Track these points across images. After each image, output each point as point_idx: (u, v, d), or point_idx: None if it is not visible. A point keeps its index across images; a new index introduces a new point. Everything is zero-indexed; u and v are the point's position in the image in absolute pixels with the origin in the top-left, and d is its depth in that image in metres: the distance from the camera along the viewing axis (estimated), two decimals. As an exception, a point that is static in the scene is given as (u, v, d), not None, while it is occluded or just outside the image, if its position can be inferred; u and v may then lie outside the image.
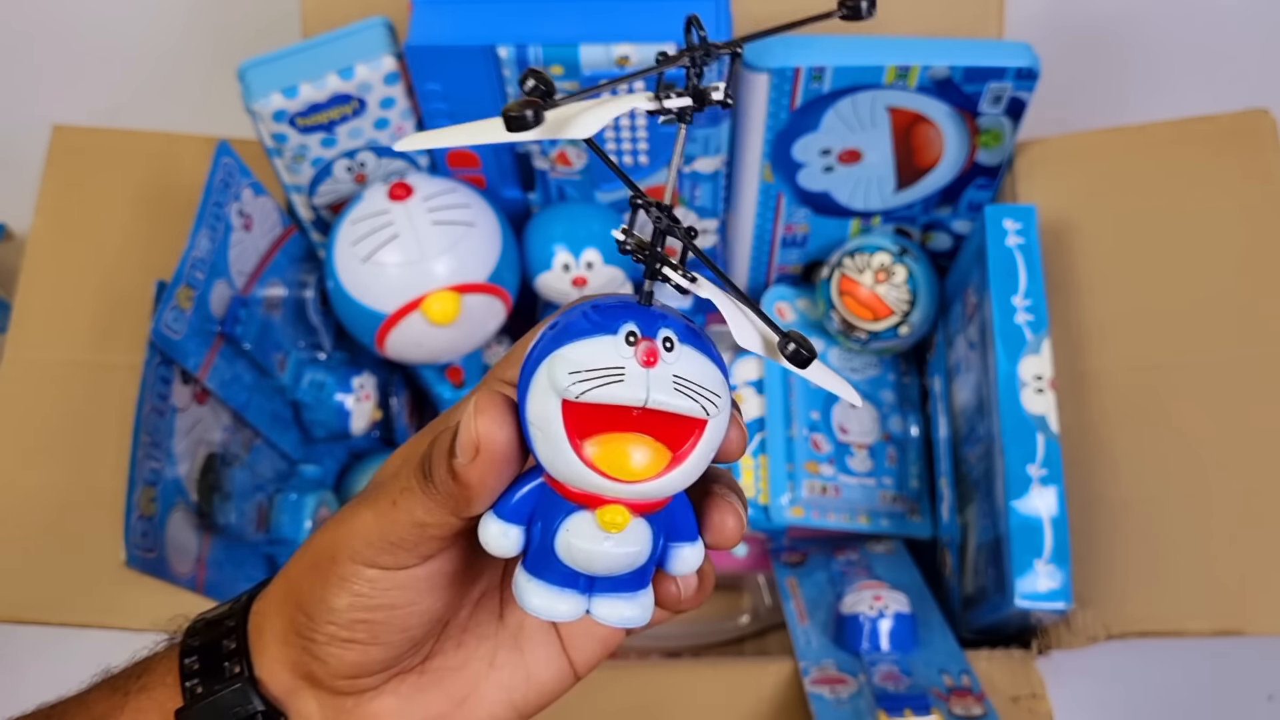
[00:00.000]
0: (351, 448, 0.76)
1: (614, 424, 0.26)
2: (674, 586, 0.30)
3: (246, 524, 0.63)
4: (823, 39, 0.62)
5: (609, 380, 0.25)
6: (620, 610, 0.28)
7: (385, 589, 0.30)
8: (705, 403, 0.26)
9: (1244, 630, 0.57)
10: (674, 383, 0.25)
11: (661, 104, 0.26)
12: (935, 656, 0.61)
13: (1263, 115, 0.67)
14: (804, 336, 0.26)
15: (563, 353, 0.26)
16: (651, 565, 0.28)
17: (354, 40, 0.60)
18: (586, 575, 0.28)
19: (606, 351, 0.25)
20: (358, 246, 0.63)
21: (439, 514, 0.28)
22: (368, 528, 0.30)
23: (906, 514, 0.74)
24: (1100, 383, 0.63)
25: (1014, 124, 0.64)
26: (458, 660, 0.33)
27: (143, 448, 0.54)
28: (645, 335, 0.26)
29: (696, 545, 0.29)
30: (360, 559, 0.30)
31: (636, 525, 0.27)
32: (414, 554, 0.29)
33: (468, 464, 0.27)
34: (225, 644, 0.33)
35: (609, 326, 0.26)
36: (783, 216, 0.72)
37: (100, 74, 0.91)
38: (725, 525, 0.29)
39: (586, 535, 0.27)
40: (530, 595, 0.28)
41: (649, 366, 0.25)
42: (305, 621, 0.31)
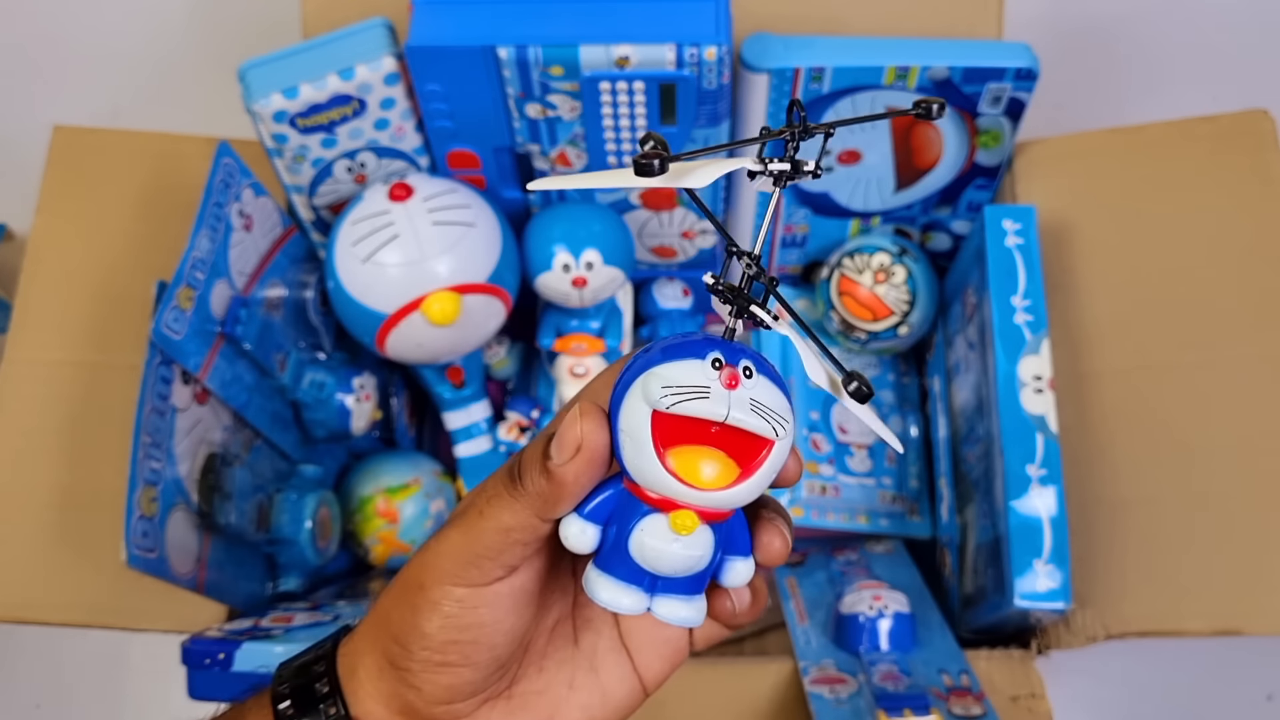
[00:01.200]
0: (352, 448, 0.76)
1: (694, 437, 0.29)
2: (728, 601, 0.33)
3: (247, 524, 0.63)
4: (822, 40, 0.62)
5: (696, 396, 0.29)
6: (677, 610, 0.32)
7: (473, 607, 0.32)
8: (775, 425, 0.29)
9: (1243, 630, 0.57)
10: (751, 404, 0.29)
11: (766, 168, 0.31)
12: (935, 656, 0.61)
13: (1262, 115, 0.67)
14: (865, 378, 0.30)
15: (657, 370, 0.29)
16: (708, 573, 0.32)
17: (354, 41, 0.61)
18: (651, 576, 0.31)
19: (696, 372, 0.29)
20: (358, 247, 0.63)
21: (525, 515, 0.31)
22: (454, 546, 0.32)
23: (906, 514, 0.74)
24: (1099, 383, 0.64)
25: (1013, 124, 0.64)
26: (540, 684, 0.35)
27: (143, 448, 0.54)
28: (729, 362, 0.30)
29: (748, 560, 0.32)
30: (448, 579, 0.32)
31: (703, 531, 0.30)
32: (499, 563, 0.32)
33: (565, 462, 0.30)
34: (318, 687, 0.34)
35: (699, 352, 0.30)
36: (782, 217, 0.72)
37: (101, 75, 0.91)
38: (773, 545, 0.32)
39: (659, 535, 0.30)
40: (600, 589, 0.31)
41: (731, 389, 0.29)
42: (399, 651, 0.33)
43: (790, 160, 0.31)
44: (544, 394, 0.78)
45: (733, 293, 0.31)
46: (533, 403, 0.75)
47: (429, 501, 0.72)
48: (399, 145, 0.65)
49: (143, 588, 0.55)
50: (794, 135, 0.30)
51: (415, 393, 0.78)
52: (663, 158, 0.28)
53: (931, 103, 0.30)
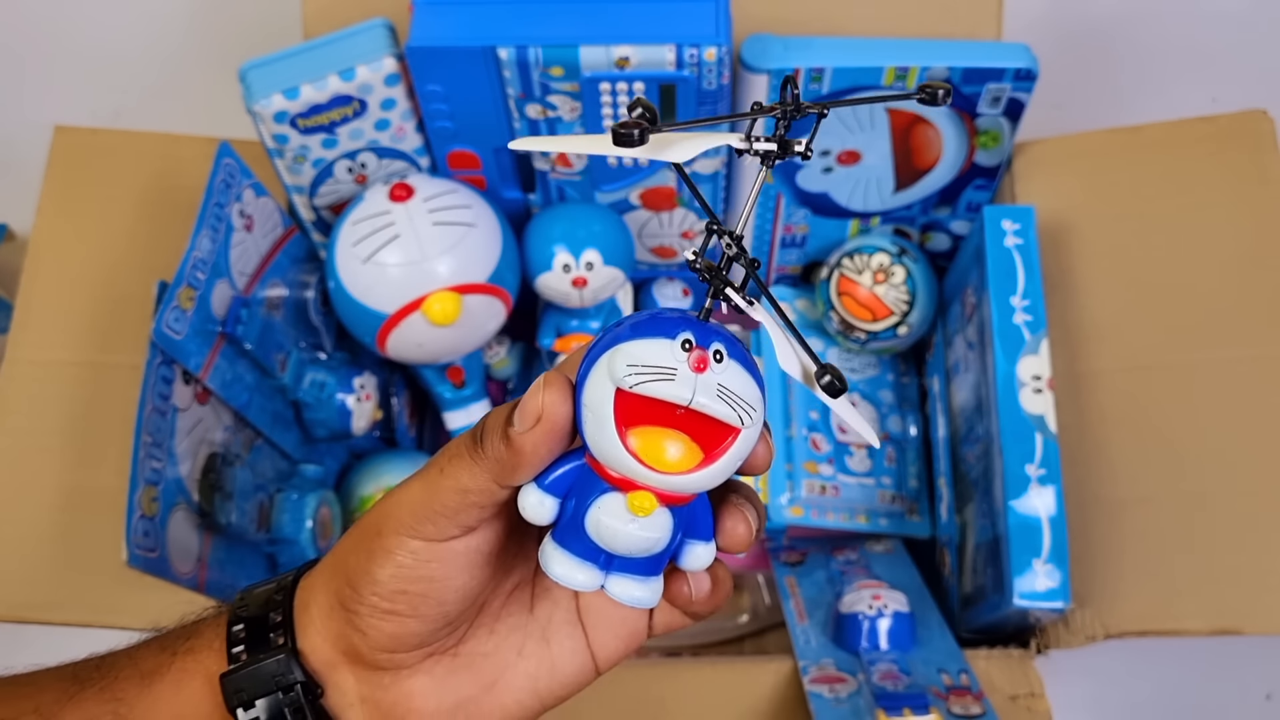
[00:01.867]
0: (352, 447, 0.76)
1: (658, 418, 0.29)
2: (685, 586, 0.33)
3: (248, 523, 0.63)
4: (822, 40, 0.62)
5: (661, 378, 0.28)
6: (631, 590, 0.31)
7: (426, 560, 0.32)
8: (742, 413, 0.29)
9: (1242, 630, 0.57)
10: (718, 390, 0.28)
11: (751, 145, 0.29)
12: (934, 655, 0.61)
13: (1262, 115, 0.67)
14: (839, 371, 0.29)
15: (624, 347, 0.29)
16: (666, 555, 0.31)
17: (355, 42, 0.61)
18: (607, 553, 0.31)
19: (663, 352, 0.29)
20: (359, 247, 0.63)
21: (483, 479, 0.31)
22: (414, 498, 0.32)
23: (905, 513, 0.74)
24: (1098, 383, 0.64)
25: (1012, 125, 0.64)
26: (489, 647, 0.35)
27: (144, 447, 0.54)
28: (700, 344, 0.29)
29: (709, 545, 0.32)
30: (405, 529, 0.32)
31: (660, 514, 0.30)
32: (454, 523, 0.32)
33: (525, 431, 0.30)
34: (272, 616, 0.35)
35: (669, 332, 0.29)
36: (782, 217, 0.72)
37: (102, 75, 0.91)
38: (736, 531, 0.32)
39: (616, 515, 0.30)
40: (554, 563, 0.31)
41: (699, 372, 0.28)
42: (349, 593, 0.33)
43: (779, 140, 0.29)
44: (544, 394, 0.78)
45: (710, 272, 0.30)
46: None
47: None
48: (399, 146, 0.65)
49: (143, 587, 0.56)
50: (785, 113, 0.29)
51: (416, 393, 0.79)
52: (643, 128, 0.27)
53: (937, 88, 0.29)
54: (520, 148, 0.31)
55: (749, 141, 0.29)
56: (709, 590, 0.33)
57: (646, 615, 0.36)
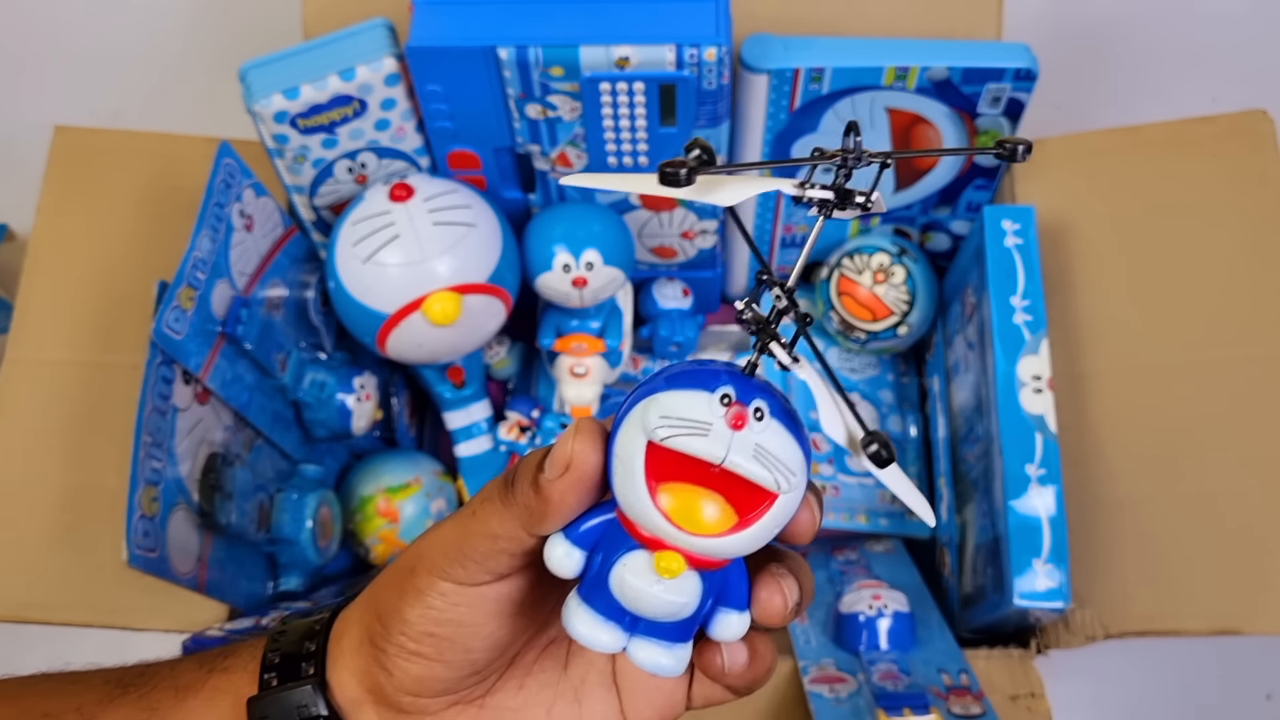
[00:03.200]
0: (352, 447, 0.76)
1: (691, 476, 0.27)
2: (718, 657, 0.31)
3: (248, 523, 0.63)
4: (822, 40, 0.62)
5: (695, 432, 0.27)
6: (656, 656, 0.30)
7: (455, 604, 0.31)
8: (780, 476, 0.27)
9: (1242, 630, 0.57)
10: (755, 450, 0.27)
11: (805, 193, 0.27)
12: (934, 655, 0.61)
13: (1262, 116, 0.67)
14: (887, 439, 0.27)
15: (660, 397, 0.27)
16: (695, 622, 0.30)
17: (355, 41, 0.61)
18: (633, 616, 0.29)
19: (700, 406, 0.27)
20: (359, 247, 0.63)
21: (512, 527, 0.30)
22: (447, 538, 0.31)
23: (905, 513, 0.74)
24: (1098, 383, 0.64)
25: (1012, 125, 0.64)
26: (517, 702, 0.34)
27: (144, 447, 0.54)
28: (740, 400, 0.27)
29: (743, 615, 0.30)
30: (436, 570, 0.31)
31: (689, 577, 0.28)
32: (485, 568, 0.31)
33: (554, 479, 0.29)
34: (306, 645, 0.35)
35: (709, 384, 0.27)
36: (782, 217, 0.72)
37: (102, 75, 0.91)
38: (772, 602, 0.30)
39: (641, 574, 0.28)
40: (576, 620, 0.30)
41: (736, 429, 0.27)
42: (379, 630, 0.32)
43: (838, 189, 0.27)
44: (544, 394, 0.78)
45: (758, 324, 0.28)
46: (533, 403, 0.75)
47: (429, 501, 0.72)
48: (399, 146, 0.65)
49: (144, 587, 0.56)
50: (846, 162, 0.28)
51: (416, 392, 0.79)
52: (690, 168, 0.26)
53: (1016, 143, 0.27)
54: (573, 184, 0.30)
55: (802, 188, 0.28)
56: (744, 663, 0.31)
57: (685, 685, 0.34)
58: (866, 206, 0.28)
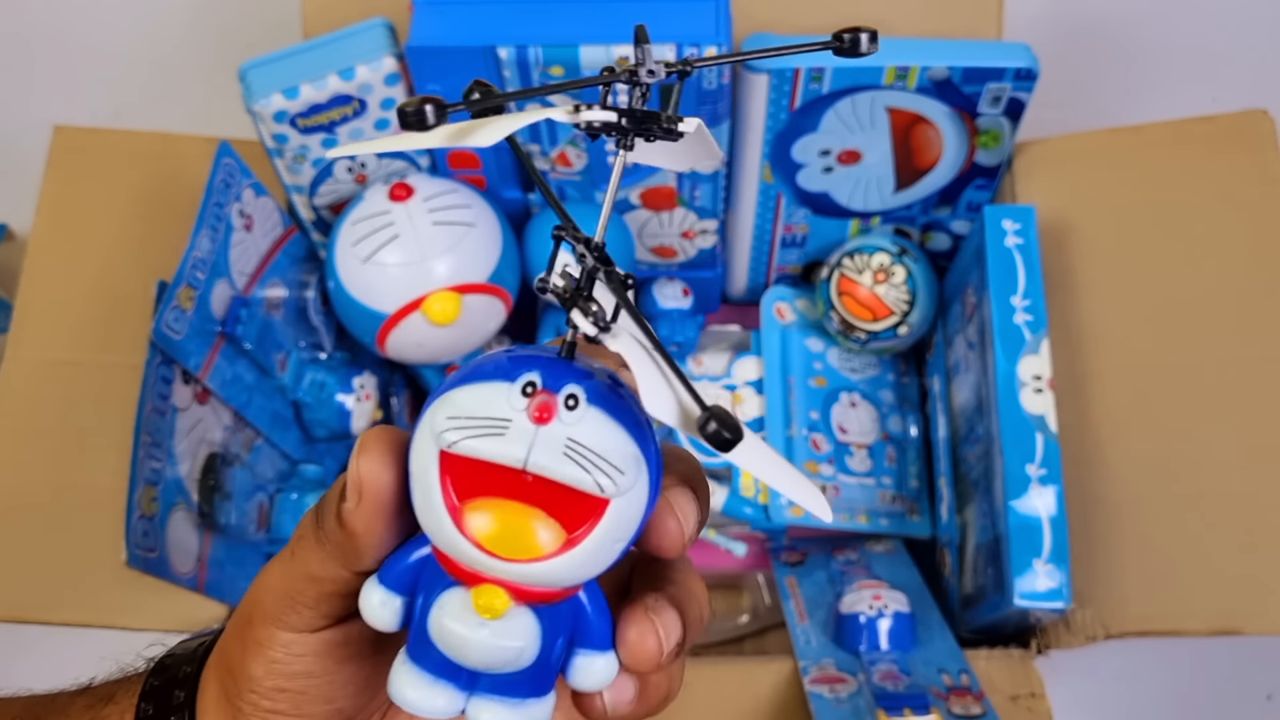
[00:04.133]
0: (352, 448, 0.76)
1: (502, 489, 0.22)
2: (597, 698, 0.25)
3: (247, 524, 0.63)
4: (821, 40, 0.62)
5: (487, 432, 0.22)
6: (500, 717, 0.24)
7: (300, 654, 0.27)
8: (601, 476, 0.22)
9: (1243, 630, 0.57)
10: (566, 446, 0.22)
11: (580, 116, 0.22)
12: (934, 656, 0.61)
13: (1262, 115, 0.67)
14: (730, 415, 0.21)
15: (451, 395, 0.22)
16: (548, 670, 0.24)
17: (355, 41, 0.61)
18: (469, 670, 0.24)
19: (497, 400, 0.22)
20: (358, 247, 0.63)
21: (331, 566, 0.26)
22: (274, 581, 0.27)
23: (906, 514, 0.74)
24: (1099, 383, 0.64)
25: (1013, 124, 0.64)
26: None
27: (144, 447, 0.54)
28: (545, 388, 0.22)
29: (609, 656, 0.24)
30: (271, 620, 0.27)
31: (519, 615, 0.23)
32: (317, 613, 0.27)
33: (353, 508, 0.24)
34: (176, 694, 0.31)
35: (510, 374, 0.22)
36: (782, 217, 0.72)
37: (101, 75, 0.91)
38: (642, 645, 0.24)
39: (459, 618, 0.23)
40: (404, 685, 0.24)
41: (540, 423, 0.22)
42: (232, 686, 0.29)
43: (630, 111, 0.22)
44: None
45: (566, 293, 0.23)
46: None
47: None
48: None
49: (143, 587, 0.55)
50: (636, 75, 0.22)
51: (416, 392, 0.79)
52: (438, 104, 0.20)
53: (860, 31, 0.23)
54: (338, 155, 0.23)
55: (578, 113, 0.23)
56: (632, 698, 0.25)
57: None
58: (671, 130, 0.22)
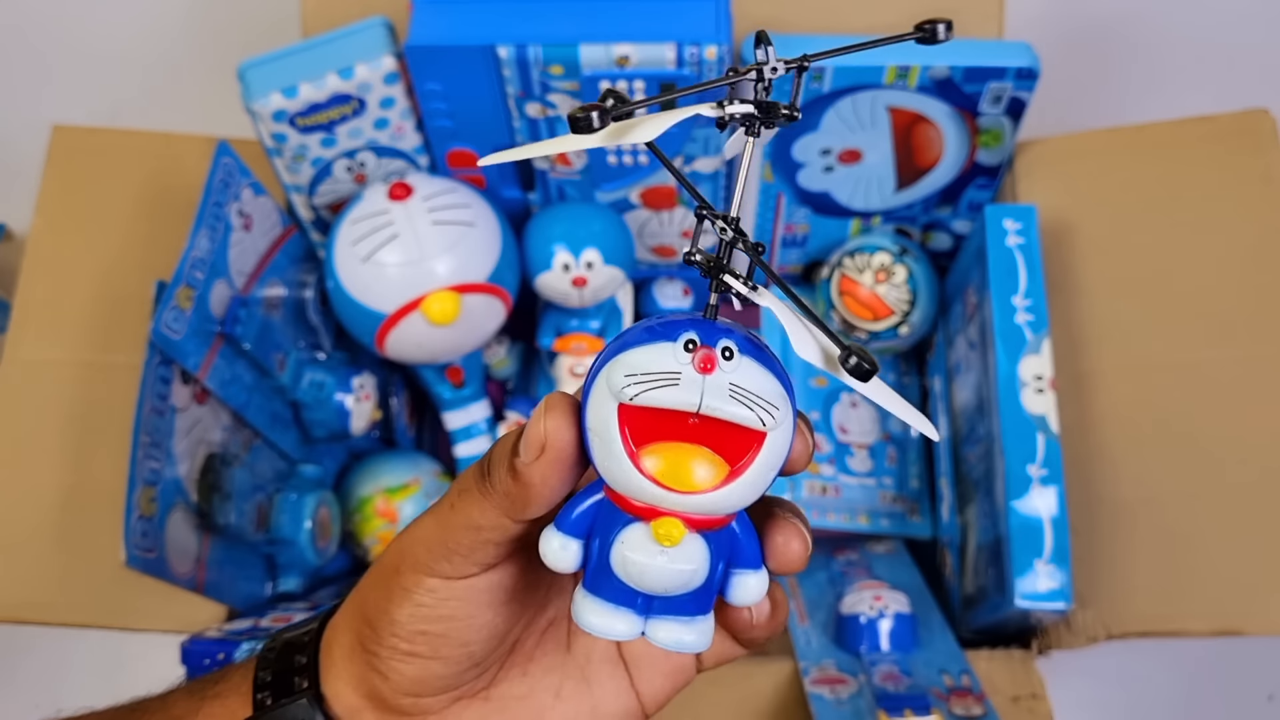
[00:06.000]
0: (351, 448, 0.76)
1: (671, 433, 0.26)
2: (746, 610, 0.30)
3: (246, 524, 0.63)
4: (822, 39, 0.62)
5: (664, 384, 0.25)
6: (677, 634, 0.28)
7: (445, 599, 0.30)
8: (762, 413, 0.25)
9: (1244, 630, 0.57)
10: (730, 390, 0.25)
11: (725, 111, 0.26)
12: (935, 656, 0.61)
13: (1263, 115, 0.67)
14: (866, 351, 0.25)
15: (622, 358, 0.26)
16: (712, 591, 0.28)
17: (354, 40, 0.60)
18: (645, 596, 0.28)
19: (664, 357, 0.26)
20: (358, 246, 0.63)
21: (494, 516, 0.29)
22: (428, 534, 0.30)
23: (906, 514, 0.74)
24: (1100, 383, 0.63)
25: (1014, 124, 0.64)
26: (523, 689, 0.33)
27: (142, 448, 0.54)
28: (705, 343, 0.26)
29: (760, 573, 0.28)
30: (421, 568, 0.30)
31: (692, 541, 0.27)
32: (470, 560, 0.30)
33: (531, 462, 0.27)
34: (298, 659, 0.33)
35: (669, 335, 0.26)
36: (783, 216, 0.72)
37: (100, 74, 0.91)
38: (790, 548, 0.28)
39: (641, 548, 0.27)
40: (587, 613, 0.28)
41: (705, 373, 0.25)
42: (369, 634, 0.31)
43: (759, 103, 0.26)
44: (544, 394, 0.78)
45: (709, 264, 0.27)
46: (533, 403, 0.75)
47: (428, 502, 0.72)
48: (398, 144, 0.65)
49: (142, 588, 0.55)
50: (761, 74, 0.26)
51: (415, 393, 0.78)
52: (602, 109, 0.24)
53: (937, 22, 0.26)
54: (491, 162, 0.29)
55: (720, 107, 0.26)
56: (769, 614, 0.30)
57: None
58: (794, 115, 0.27)
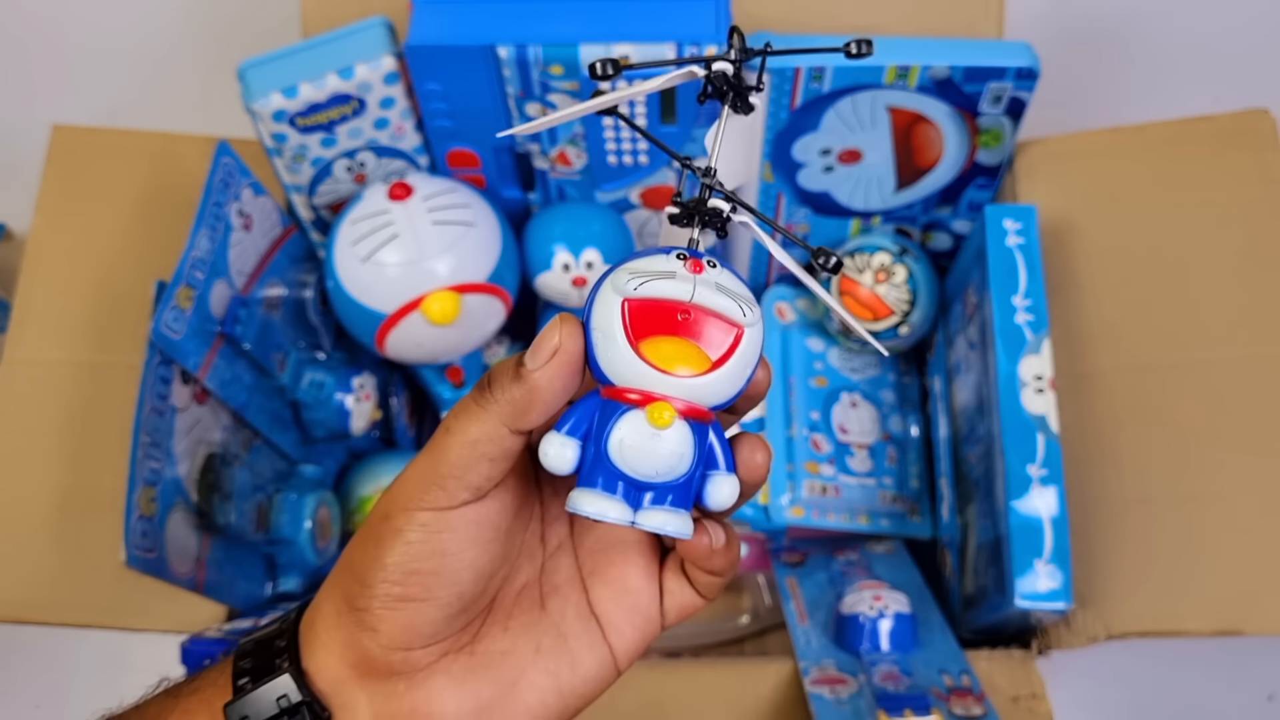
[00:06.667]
0: (351, 448, 0.76)
1: (665, 327, 0.30)
2: (705, 536, 0.33)
3: (246, 524, 0.63)
4: (822, 39, 0.62)
5: (663, 278, 0.30)
6: (663, 519, 0.32)
7: (436, 532, 0.32)
8: (743, 305, 0.31)
9: (1244, 630, 0.57)
10: (717, 286, 0.31)
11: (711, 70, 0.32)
12: (935, 656, 0.61)
13: (1263, 115, 0.67)
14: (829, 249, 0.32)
15: (625, 265, 0.31)
16: (691, 488, 0.32)
17: (354, 40, 0.61)
18: (635, 489, 0.31)
19: (662, 261, 0.31)
20: (358, 246, 0.63)
21: (493, 425, 0.31)
22: (419, 469, 0.32)
23: (906, 514, 0.74)
24: (1100, 383, 0.63)
25: (1014, 124, 0.64)
26: (505, 644, 0.35)
27: (142, 448, 0.54)
28: (693, 255, 0.31)
29: (731, 477, 0.32)
30: (413, 503, 0.32)
31: (680, 426, 0.31)
32: (462, 483, 0.31)
33: (541, 365, 0.30)
34: (277, 643, 0.34)
35: (665, 250, 0.32)
36: (783, 216, 0.72)
37: (100, 74, 0.91)
38: (755, 459, 0.32)
39: (637, 431, 0.31)
40: (583, 501, 0.31)
41: (696, 273, 0.31)
42: (358, 589, 0.32)
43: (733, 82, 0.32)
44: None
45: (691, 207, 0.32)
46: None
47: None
48: (398, 144, 0.65)
49: (142, 588, 0.55)
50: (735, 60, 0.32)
51: (415, 392, 0.78)
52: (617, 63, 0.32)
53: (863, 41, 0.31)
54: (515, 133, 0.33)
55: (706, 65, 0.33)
56: (725, 542, 0.33)
57: (658, 602, 0.36)
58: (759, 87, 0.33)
